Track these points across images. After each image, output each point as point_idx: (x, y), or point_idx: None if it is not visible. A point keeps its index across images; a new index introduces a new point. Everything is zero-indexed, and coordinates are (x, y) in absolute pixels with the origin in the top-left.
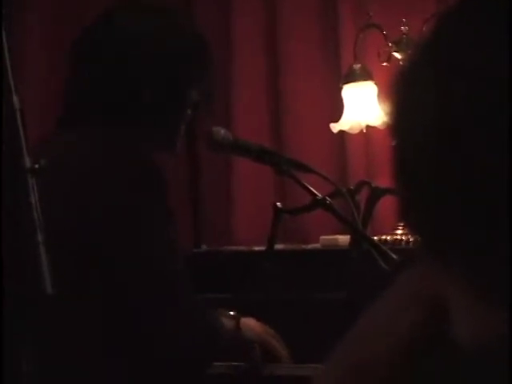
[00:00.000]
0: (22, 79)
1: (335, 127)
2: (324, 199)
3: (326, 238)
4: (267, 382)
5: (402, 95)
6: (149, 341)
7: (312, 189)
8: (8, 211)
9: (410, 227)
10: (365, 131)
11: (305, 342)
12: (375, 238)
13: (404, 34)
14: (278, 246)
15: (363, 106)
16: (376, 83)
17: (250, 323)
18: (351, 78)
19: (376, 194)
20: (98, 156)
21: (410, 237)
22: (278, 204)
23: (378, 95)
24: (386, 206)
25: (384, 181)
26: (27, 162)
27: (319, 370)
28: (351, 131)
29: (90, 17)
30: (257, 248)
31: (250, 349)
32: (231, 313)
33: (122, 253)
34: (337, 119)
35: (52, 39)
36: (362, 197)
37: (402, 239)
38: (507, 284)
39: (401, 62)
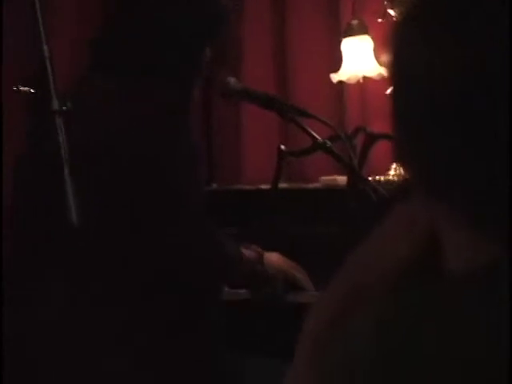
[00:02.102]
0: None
1: (334, 77)
2: (324, 142)
3: (325, 178)
4: (290, 308)
5: (398, 48)
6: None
7: (313, 133)
8: (38, 149)
9: (406, 166)
10: (361, 81)
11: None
12: (370, 178)
13: None
14: (282, 185)
15: (360, 59)
16: (372, 38)
17: (272, 257)
18: (349, 32)
19: (371, 139)
20: (126, 99)
21: (401, 177)
22: (282, 147)
23: (374, 49)
24: (380, 149)
25: (378, 127)
26: (55, 105)
27: (323, 292)
28: (349, 81)
29: None
30: (263, 186)
31: (272, 279)
32: (255, 247)
33: (146, 187)
34: (336, 70)
35: None
36: (358, 141)
37: (394, 180)
38: (498, 216)
39: (395, 19)
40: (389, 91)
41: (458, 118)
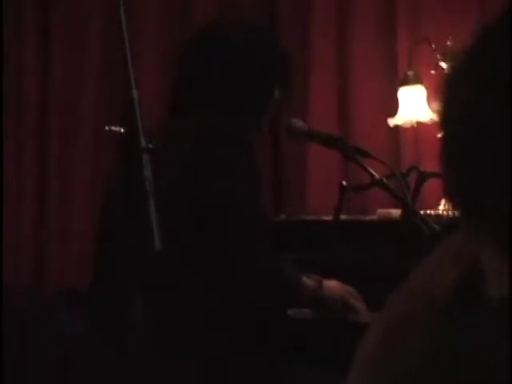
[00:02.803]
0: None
1: (391, 122)
2: (381, 179)
3: (382, 211)
4: (347, 327)
5: (448, 96)
6: (239, 290)
7: (371, 170)
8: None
9: (453, 202)
10: (415, 126)
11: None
12: (421, 212)
13: (449, 46)
14: (343, 217)
15: (414, 105)
16: (426, 87)
17: (330, 284)
18: (405, 82)
19: (423, 177)
20: (202, 134)
21: (449, 212)
22: (344, 182)
23: (427, 97)
24: (431, 186)
25: (430, 166)
26: (142, 143)
27: (374, 319)
28: (404, 125)
29: (194, 21)
30: (326, 218)
31: (331, 304)
32: (315, 276)
33: (219, 213)
34: (393, 115)
35: (164, 39)
36: (412, 179)
37: (443, 214)
38: None
39: (446, 71)
40: (439, 135)
41: (498, 162)
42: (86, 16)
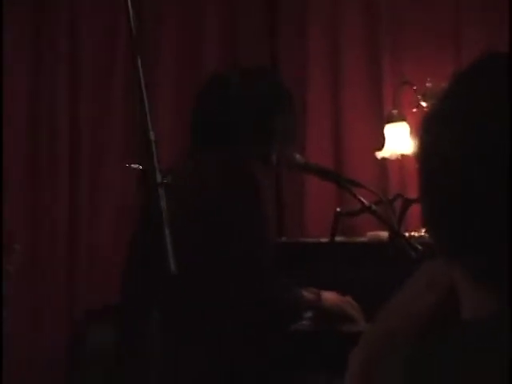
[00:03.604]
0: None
1: (379, 155)
2: (370, 206)
3: (371, 233)
4: (345, 336)
5: (426, 133)
6: (247, 306)
7: (362, 199)
8: (146, 212)
9: (429, 233)
10: (400, 158)
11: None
12: (406, 234)
13: (428, 87)
14: (338, 239)
15: (399, 140)
16: (409, 124)
17: (329, 296)
18: (391, 119)
19: (407, 203)
20: (212, 171)
21: None
22: (338, 209)
23: (410, 132)
24: (415, 212)
25: (414, 194)
26: (158, 178)
27: (369, 326)
28: (390, 158)
29: (204, 66)
30: (322, 240)
31: (330, 313)
32: (313, 289)
33: (227, 242)
34: (380, 149)
35: (177, 84)
36: (397, 205)
37: (425, 235)
38: (499, 276)
39: (426, 109)
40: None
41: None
42: (111, 64)
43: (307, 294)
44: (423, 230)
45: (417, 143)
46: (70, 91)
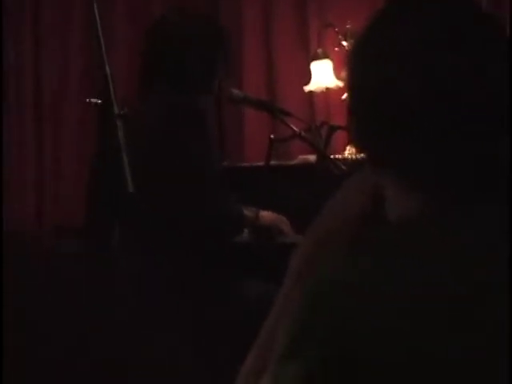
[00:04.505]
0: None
1: (306, 88)
2: (300, 133)
3: (301, 157)
4: (279, 247)
5: (351, 67)
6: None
7: (293, 126)
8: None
9: (359, 147)
10: (325, 91)
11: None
12: (331, 156)
13: (349, 29)
14: (272, 163)
15: (324, 76)
16: (332, 61)
17: (266, 214)
18: (316, 57)
19: (332, 130)
20: (162, 105)
21: (353, 156)
22: (272, 136)
23: (333, 68)
24: (339, 137)
25: (337, 121)
26: (116, 110)
27: (302, 236)
28: (316, 91)
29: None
30: (259, 163)
31: (265, 229)
32: (253, 208)
33: (177, 165)
34: (307, 83)
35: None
36: (323, 131)
37: (348, 157)
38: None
39: (346, 48)
40: (344, 97)
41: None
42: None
43: (247, 212)
44: (346, 153)
45: (346, 72)
46: (33, 32)
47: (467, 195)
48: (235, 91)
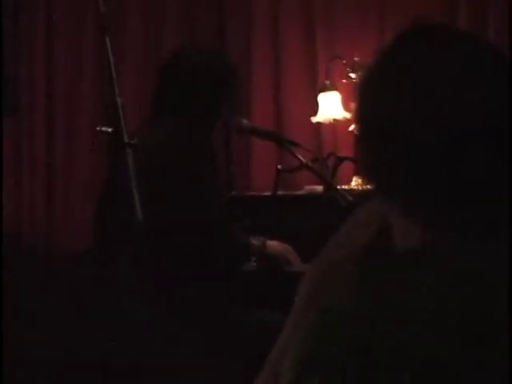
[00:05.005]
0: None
1: (314, 119)
2: (307, 163)
3: (308, 187)
4: (286, 276)
5: (359, 98)
6: (203, 250)
7: (300, 157)
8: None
9: (366, 177)
10: (332, 122)
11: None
12: (338, 187)
13: (356, 61)
14: (279, 192)
15: (331, 107)
16: (339, 92)
17: (272, 243)
18: (324, 89)
19: (339, 161)
20: (169, 136)
21: (359, 187)
22: (279, 166)
23: (341, 100)
24: (346, 168)
25: (344, 152)
26: (125, 139)
27: (308, 265)
28: (324, 122)
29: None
30: (266, 193)
31: (273, 259)
32: (260, 238)
33: (184, 195)
34: (315, 114)
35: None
36: (330, 163)
37: (354, 188)
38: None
39: (354, 80)
40: (351, 128)
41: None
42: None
43: (254, 240)
44: (353, 183)
45: (356, 104)
46: (46, 41)
47: (468, 225)
48: (244, 121)
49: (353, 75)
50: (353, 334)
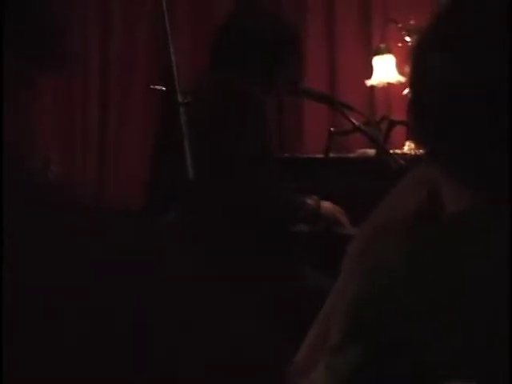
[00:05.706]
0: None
1: (368, 83)
2: (360, 126)
3: (360, 150)
4: (335, 238)
5: (413, 62)
6: (255, 207)
7: (353, 120)
8: (167, 128)
9: (418, 142)
10: (386, 86)
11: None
12: (391, 151)
13: (412, 24)
14: (331, 155)
15: (386, 71)
16: (394, 56)
17: (325, 204)
18: (378, 52)
19: (392, 124)
20: (224, 92)
21: (411, 151)
22: (331, 129)
23: (395, 64)
24: (398, 132)
25: (397, 116)
26: (179, 98)
27: (358, 228)
28: (378, 85)
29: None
30: (318, 156)
31: (325, 219)
32: (314, 197)
33: (234, 146)
34: (369, 78)
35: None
36: (383, 126)
37: (407, 153)
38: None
39: (409, 43)
40: (405, 92)
41: (453, 110)
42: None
43: (309, 200)
44: (405, 148)
45: (409, 68)
46: (101, 26)
47: None
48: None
49: (408, 39)
50: (398, 294)
